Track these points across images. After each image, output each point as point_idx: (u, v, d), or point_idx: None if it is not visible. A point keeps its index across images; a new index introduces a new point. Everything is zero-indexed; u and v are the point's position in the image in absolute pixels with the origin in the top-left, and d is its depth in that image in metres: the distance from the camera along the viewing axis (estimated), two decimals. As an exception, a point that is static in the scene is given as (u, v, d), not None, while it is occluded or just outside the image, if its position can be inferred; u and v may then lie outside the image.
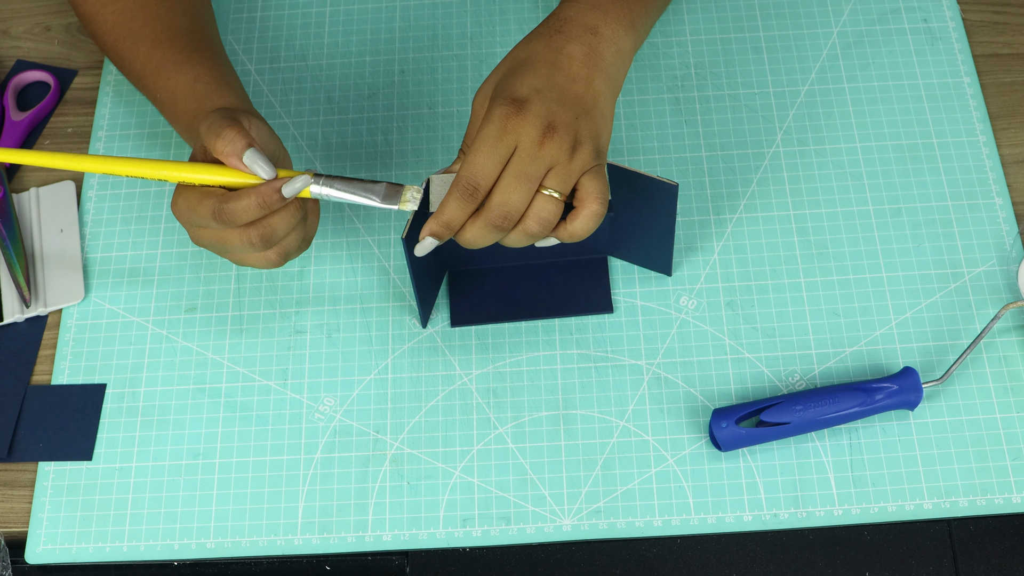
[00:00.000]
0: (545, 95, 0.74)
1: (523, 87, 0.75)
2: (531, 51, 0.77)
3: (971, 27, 0.99)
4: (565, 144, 0.74)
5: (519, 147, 0.73)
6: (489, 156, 0.73)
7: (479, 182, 0.73)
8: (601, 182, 0.75)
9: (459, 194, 0.73)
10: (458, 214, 0.74)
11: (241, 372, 0.86)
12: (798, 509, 0.80)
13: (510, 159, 0.73)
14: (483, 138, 0.73)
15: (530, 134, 0.73)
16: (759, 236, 0.90)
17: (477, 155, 0.73)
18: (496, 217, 0.74)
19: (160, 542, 0.81)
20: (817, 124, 0.94)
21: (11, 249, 0.90)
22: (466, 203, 0.74)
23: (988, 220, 0.89)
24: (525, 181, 0.73)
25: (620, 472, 0.81)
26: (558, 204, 0.74)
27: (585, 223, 0.75)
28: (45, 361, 0.88)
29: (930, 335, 0.85)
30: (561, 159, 0.74)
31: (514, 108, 0.73)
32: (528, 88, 0.75)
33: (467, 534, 0.80)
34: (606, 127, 0.77)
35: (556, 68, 0.76)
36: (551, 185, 0.74)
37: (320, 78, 0.99)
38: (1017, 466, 0.80)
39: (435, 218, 0.74)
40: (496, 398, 0.85)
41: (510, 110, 0.73)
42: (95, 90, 1.00)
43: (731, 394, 0.84)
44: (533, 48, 0.77)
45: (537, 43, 0.77)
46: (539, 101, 0.74)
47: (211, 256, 0.91)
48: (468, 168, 0.73)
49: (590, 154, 0.75)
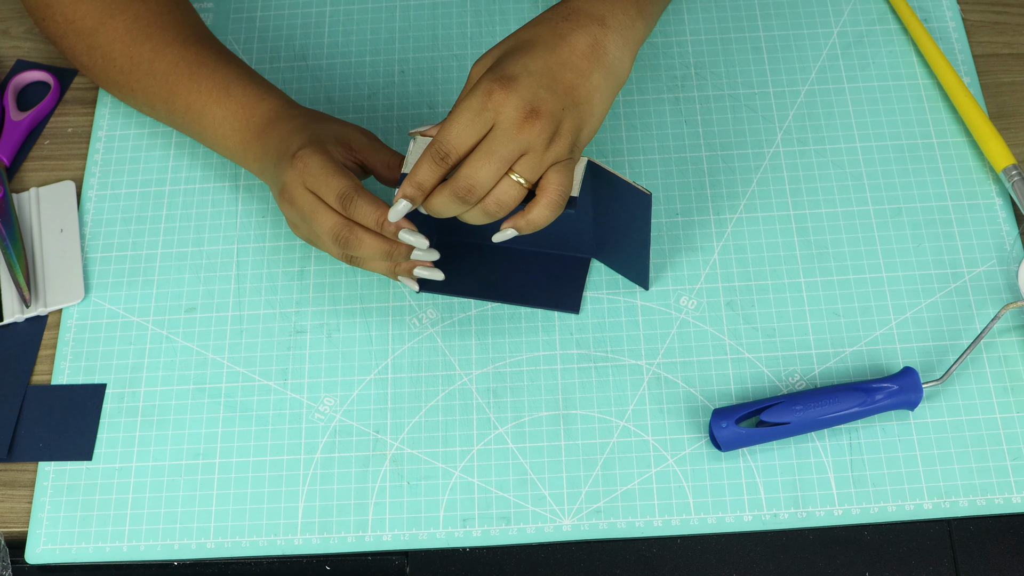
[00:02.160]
0: (536, 78, 0.74)
1: (516, 66, 0.74)
2: (535, 33, 0.77)
3: (971, 27, 0.99)
4: (544, 133, 0.73)
5: (497, 125, 0.73)
6: (466, 126, 0.73)
7: (450, 149, 0.74)
8: (566, 176, 0.75)
9: (431, 157, 0.74)
10: (428, 177, 0.74)
11: (241, 372, 0.86)
12: (798, 509, 0.80)
13: (487, 135, 0.74)
14: (464, 107, 0.74)
15: (511, 114, 0.73)
16: (759, 236, 0.90)
17: (455, 123, 0.74)
18: (460, 189, 0.74)
19: (160, 542, 0.81)
20: (817, 124, 0.94)
21: (11, 249, 0.90)
22: (436, 167, 0.74)
23: (988, 220, 0.89)
24: (496, 161, 0.73)
25: (620, 472, 0.81)
26: (520, 191, 0.74)
27: (542, 212, 0.75)
28: (45, 361, 0.88)
29: (930, 335, 0.85)
30: (536, 147, 0.74)
31: (500, 84, 0.73)
32: (520, 68, 0.74)
33: (467, 534, 0.80)
34: (592, 123, 0.76)
35: (554, 54, 0.75)
36: (520, 171, 0.74)
37: (320, 78, 0.99)
38: (1017, 466, 0.80)
39: (408, 180, 0.75)
40: (496, 398, 0.85)
41: (496, 86, 0.73)
42: (95, 90, 1.00)
43: (731, 394, 0.84)
44: (537, 31, 0.77)
45: (542, 27, 0.77)
46: (528, 83, 0.74)
47: (211, 256, 0.91)
48: (443, 134, 0.74)
49: (565, 147, 0.75)
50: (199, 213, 0.93)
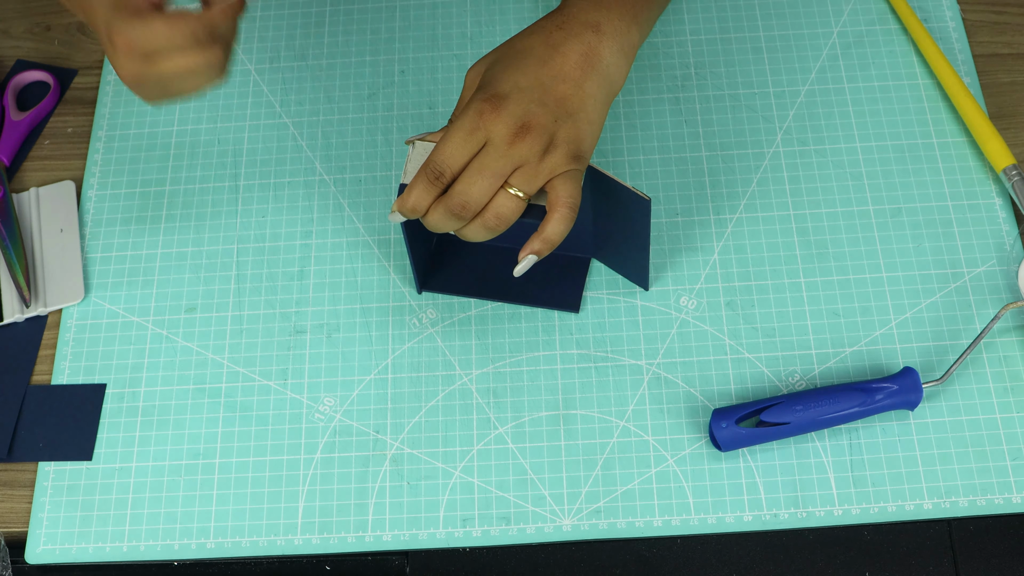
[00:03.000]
0: (526, 94, 0.74)
1: (506, 82, 0.75)
2: (527, 44, 0.77)
3: (971, 27, 0.99)
4: (536, 145, 0.74)
5: (488, 143, 0.74)
6: (458, 146, 0.74)
7: (444, 168, 0.74)
8: (572, 186, 0.75)
9: (425, 176, 0.75)
10: (423, 196, 0.75)
11: (241, 372, 0.86)
12: (798, 509, 0.80)
13: (478, 152, 0.74)
14: (456, 128, 0.74)
15: (501, 132, 0.74)
16: (759, 236, 0.90)
17: (447, 143, 0.74)
18: (455, 205, 0.74)
19: (160, 542, 0.81)
20: (817, 124, 0.94)
21: (11, 249, 0.90)
22: (430, 186, 0.75)
23: (988, 220, 0.89)
24: (488, 176, 0.74)
25: (620, 472, 0.81)
26: (519, 203, 0.75)
27: (556, 227, 0.75)
28: (45, 361, 0.88)
29: (930, 335, 0.85)
30: (530, 159, 0.74)
31: (491, 105, 0.74)
32: (511, 84, 0.75)
33: (467, 534, 0.80)
34: (591, 131, 0.77)
35: (546, 67, 0.76)
36: (515, 183, 0.74)
37: (320, 78, 0.99)
38: (1017, 466, 0.80)
39: (403, 197, 0.76)
40: (496, 398, 0.85)
41: (486, 106, 0.74)
42: (95, 90, 1.00)
43: (731, 394, 0.84)
44: (531, 42, 0.77)
45: (536, 37, 0.77)
46: (518, 100, 0.74)
47: (211, 256, 0.91)
48: (437, 154, 0.74)
49: (564, 157, 0.75)
50: (199, 213, 0.93)
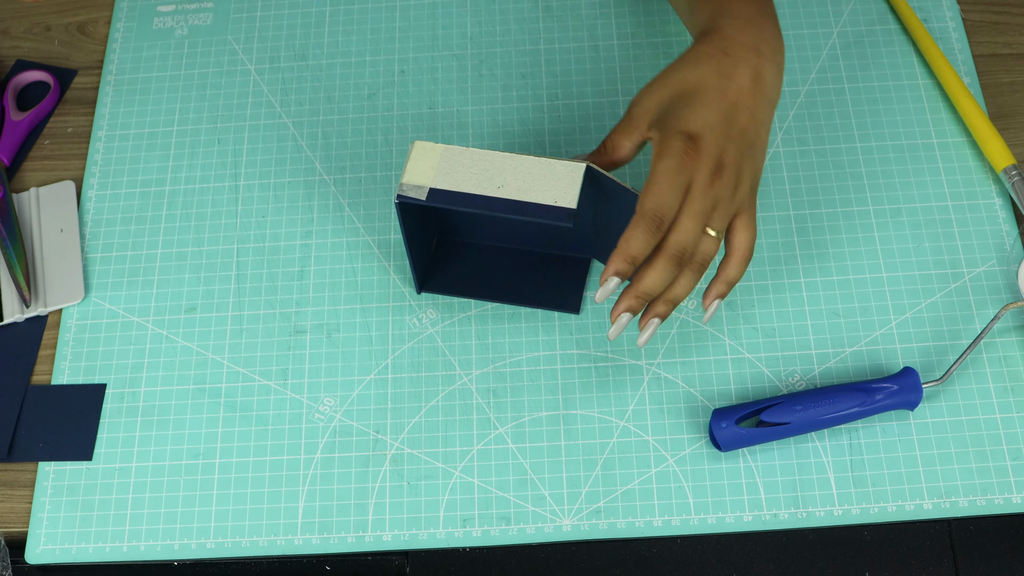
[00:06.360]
0: (717, 131, 0.75)
1: (697, 121, 0.75)
2: (700, 76, 0.77)
3: (971, 27, 0.99)
4: (730, 183, 0.75)
5: (693, 185, 0.74)
6: (671, 190, 0.74)
7: (664, 213, 0.74)
8: (753, 227, 0.77)
9: (645, 226, 0.74)
10: (644, 246, 0.74)
11: (241, 372, 0.86)
12: (798, 509, 0.80)
13: (685, 196, 0.74)
14: (663, 171, 0.74)
15: (704, 172, 0.74)
16: (759, 236, 0.90)
17: (660, 187, 0.74)
18: (675, 254, 0.74)
19: (160, 542, 0.81)
20: (817, 124, 0.94)
21: (11, 249, 0.90)
22: (652, 235, 0.74)
23: (988, 220, 0.89)
24: (700, 220, 0.74)
25: (620, 472, 0.81)
26: (717, 244, 0.76)
27: (738, 270, 0.77)
28: (45, 361, 0.88)
29: (930, 335, 0.85)
30: (724, 197, 0.75)
31: (691, 145, 0.74)
32: (701, 123, 0.75)
33: (467, 534, 0.80)
34: (762, 159, 0.78)
35: (726, 98, 0.76)
36: (714, 225, 0.75)
37: (320, 78, 0.99)
38: (1017, 466, 0.80)
39: (620, 253, 0.74)
40: (496, 398, 0.85)
41: (688, 147, 0.74)
42: (95, 90, 1.00)
43: (731, 394, 0.84)
44: (702, 73, 0.77)
45: (705, 67, 0.77)
46: (711, 139, 0.75)
47: (211, 256, 0.91)
48: (653, 200, 0.74)
49: (749, 192, 0.76)
50: (199, 213, 0.93)
